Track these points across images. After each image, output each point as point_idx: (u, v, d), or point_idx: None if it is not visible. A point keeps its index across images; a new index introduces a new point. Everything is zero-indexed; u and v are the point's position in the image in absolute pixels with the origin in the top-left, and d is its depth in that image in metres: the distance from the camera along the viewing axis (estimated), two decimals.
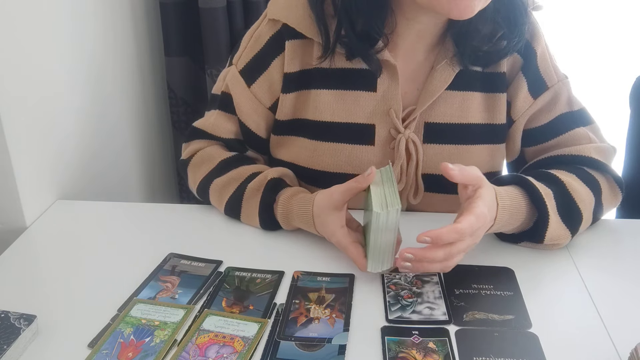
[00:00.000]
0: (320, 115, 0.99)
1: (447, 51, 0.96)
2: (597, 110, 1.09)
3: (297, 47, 0.97)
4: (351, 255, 0.86)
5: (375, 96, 0.97)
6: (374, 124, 0.98)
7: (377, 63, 0.95)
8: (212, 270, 0.89)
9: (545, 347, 0.74)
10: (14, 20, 0.96)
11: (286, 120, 1.02)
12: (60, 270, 0.90)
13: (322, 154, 1.00)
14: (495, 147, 1.02)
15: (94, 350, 0.73)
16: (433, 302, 0.82)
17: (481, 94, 0.99)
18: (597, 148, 0.99)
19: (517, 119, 1.01)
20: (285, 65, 0.98)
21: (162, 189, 1.68)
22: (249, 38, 1.01)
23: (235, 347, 0.74)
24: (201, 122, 1.07)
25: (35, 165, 1.04)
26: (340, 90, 0.98)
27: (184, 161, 1.07)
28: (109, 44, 1.33)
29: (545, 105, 1.00)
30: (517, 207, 0.87)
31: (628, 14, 1.89)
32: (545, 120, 1.01)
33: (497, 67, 0.99)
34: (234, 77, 1.02)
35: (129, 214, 1.06)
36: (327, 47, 0.94)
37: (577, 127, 1.00)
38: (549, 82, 1.00)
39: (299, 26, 0.95)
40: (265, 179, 0.96)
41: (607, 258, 0.92)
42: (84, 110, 1.21)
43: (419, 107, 0.97)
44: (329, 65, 0.97)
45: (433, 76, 0.96)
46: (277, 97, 1.01)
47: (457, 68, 0.96)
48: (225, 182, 0.99)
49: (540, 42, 0.99)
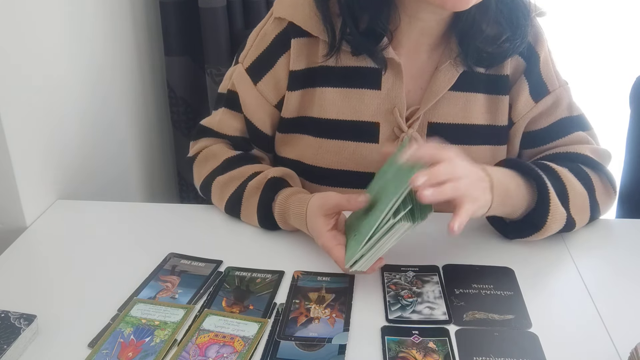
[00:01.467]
0: (325, 113, 1.00)
1: (451, 51, 0.97)
2: (597, 110, 1.09)
3: (303, 45, 0.98)
4: (334, 258, 0.85)
5: (380, 94, 0.98)
6: (379, 122, 0.99)
7: (383, 60, 0.95)
8: (212, 270, 0.89)
9: (545, 346, 0.74)
10: (13, 20, 0.96)
11: (291, 118, 1.02)
12: (60, 270, 0.90)
13: (327, 151, 1.01)
14: (497, 149, 1.02)
15: (94, 350, 0.73)
16: (433, 302, 0.82)
17: (484, 96, 1.00)
18: (593, 149, 0.99)
19: (517, 121, 1.01)
20: (290, 63, 0.98)
21: (162, 188, 1.68)
22: (255, 36, 1.02)
23: (235, 347, 0.74)
24: (208, 120, 1.08)
25: (35, 165, 1.04)
26: (345, 89, 0.99)
27: (191, 158, 1.07)
28: (109, 43, 1.33)
29: (546, 109, 1.01)
30: (509, 175, 0.88)
31: (628, 14, 1.89)
32: (545, 124, 1.01)
33: (501, 69, 0.99)
34: (240, 75, 1.02)
35: (129, 214, 1.06)
36: (332, 45, 0.95)
37: (576, 132, 1.01)
38: (551, 86, 1.00)
39: (305, 24, 0.96)
40: (266, 177, 0.96)
41: (607, 258, 0.92)
42: (84, 110, 1.21)
43: (423, 106, 0.98)
44: (334, 63, 0.97)
45: (437, 76, 0.97)
46: (282, 94, 1.01)
47: (461, 69, 0.97)
48: (227, 180, 0.99)
49: (543, 47, 1.00)
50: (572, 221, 0.92)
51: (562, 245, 0.93)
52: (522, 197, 0.89)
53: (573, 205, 0.92)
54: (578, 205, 0.93)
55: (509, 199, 0.88)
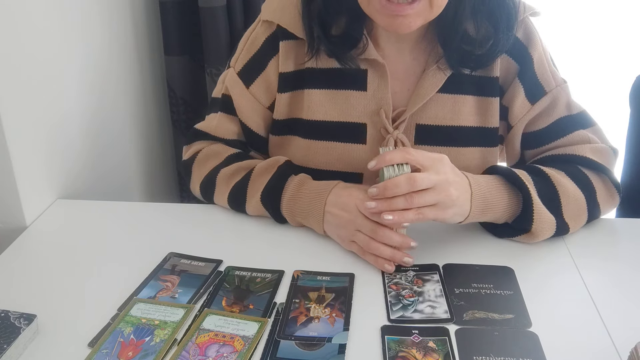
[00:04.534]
0: (313, 115, 1.00)
1: (437, 54, 0.97)
2: (597, 110, 1.09)
3: (291, 47, 0.99)
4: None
5: (366, 95, 0.98)
6: (365, 123, 1.00)
7: (356, 64, 0.97)
8: (212, 269, 0.89)
9: (545, 346, 0.74)
10: (13, 20, 0.96)
11: (282, 119, 1.03)
12: (60, 269, 0.90)
13: (316, 152, 1.02)
14: (487, 150, 1.02)
15: (94, 349, 0.73)
16: (434, 301, 0.82)
17: (473, 97, 1.00)
18: (593, 148, 0.99)
19: (515, 125, 1.01)
20: (279, 65, 1.00)
21: (162, 188, 1.68)
22: (245, 41, 1.04)
23: (235, 347, 0.74)
24: (203, 125, 1.08)
25: (36, 165, 1.04)
26: (332, 90, 1.00)
27: (188, 161, 1.07)
28: (109, 43, 1.33)
29: (543, 110, 1.00)
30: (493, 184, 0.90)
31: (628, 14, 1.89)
32: (544, 124, 1.01)
33: (490, 71, 0.99)
34: (233, 79, 1.03)
35: (129, 214, 1.06)
36: (311, 46, 0.97)
37: (577, 130, 1.00)
38: (547, 87, 1.00)
39: (291, 27, 0.98)
40: (279, 160, 0.98)
41: (607, 258, 0.92)
42: (84, 110, 1.21)
43: (409, 109, 0.98)
44: (320, 65, 0.99)
45: (424, 79, 0.98)
46: (274, 96, 1.02)
47: (449, 72, 0.97)
48: (234, 170, 1.00)
49: (536, 48, 0.99)
50: (565, 226, 0.92)
51: (562, 245, 0.93)
52: (504, 206, 0.90)
53: (566, 210, 0.92)
54: (572, 210, 0.93)
55: (489, 210, 0.89)
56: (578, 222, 0.94)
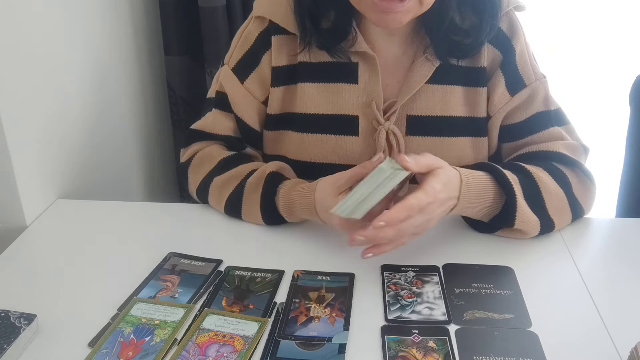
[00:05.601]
0: (306, 108, 1.02)
1: (425, 45, 0.99)
2: (597, 110, 1.09)
3: (283, 42, 1.01)
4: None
5: (357, 88, 1.00)
6: (357, 116, 1.01)
7: (347, 56, 0.98)
8: (212, 269, 0.89)
9: (545, 346, 0.74)
10: (13, 20, 0.96)
11: (276, 114, 1.04)
12: (60, 269, 0.90)
13: (309, 145, 1.03)
14: (477, 140, 1.03)
15: (94, 349, 0.73)
16: (433, 302, 0.82)
17: (462, 88, 1.01)
18: (566, 145, 1.01)
19: (494, 115, 1.02)
20: (272, 59, 1.01)
21: (162, 188, 1.68)
22: (238, 37, 1.05)
23: (235, 346, 0.74)
24: (199, 124, 1.09)
25: (36, 165, 1.04)
26: (323, 83, 1.01)
27: (184, 164, 1.07)
28: (109, 43, 1.33)
29: (522, 102, 1.02)
30: (483, 187, 0.90)
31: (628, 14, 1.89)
32: (521, 118, 1.03)
33: (477, 61, 1.00)
34: (227, 75, 1.04)
35: (129, 214, 1.06)
36: (303, 40, 0.98)
37: (552, 127, 1.02)
38: (527, 80, 1.01)
39: (283, 22, 0.99)
40: (264, 173, 0.97)
41: (607, 258, 0.92)
42: (84, 110, 1.21)
43: (400, 100, 0.99)
44: (311, 59, 1.00)
45: (413, 70, 0.99)
46: (269, 91, 1.04)
47: (437, 62, 0.98)
48: (225, 179, 1.00)
49: (519, 41, 1.01)
50: (550, 222, 0.93)
51: (562, 245, 0.94)
52: (486, 209, 0.91)
53: (550, 205, 0.93)
54: (555, 205, 0.94)
55: (469, 210, 0.90)
56: (562, 217, 0.95)
